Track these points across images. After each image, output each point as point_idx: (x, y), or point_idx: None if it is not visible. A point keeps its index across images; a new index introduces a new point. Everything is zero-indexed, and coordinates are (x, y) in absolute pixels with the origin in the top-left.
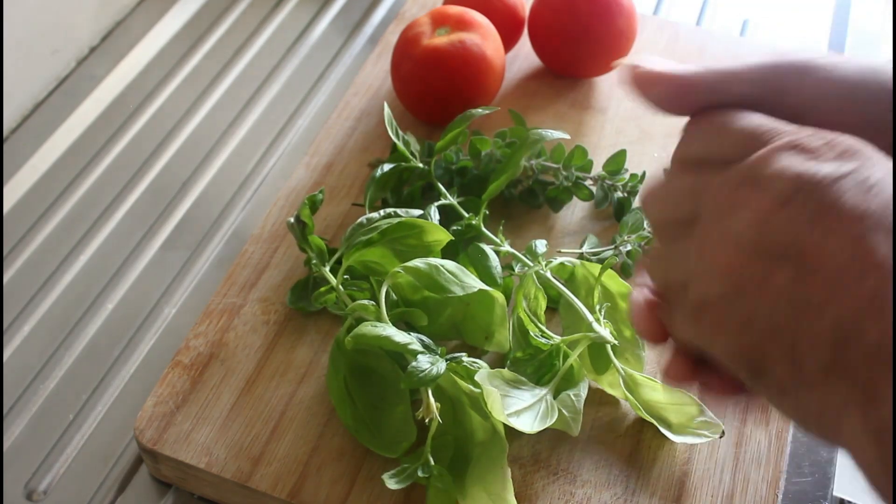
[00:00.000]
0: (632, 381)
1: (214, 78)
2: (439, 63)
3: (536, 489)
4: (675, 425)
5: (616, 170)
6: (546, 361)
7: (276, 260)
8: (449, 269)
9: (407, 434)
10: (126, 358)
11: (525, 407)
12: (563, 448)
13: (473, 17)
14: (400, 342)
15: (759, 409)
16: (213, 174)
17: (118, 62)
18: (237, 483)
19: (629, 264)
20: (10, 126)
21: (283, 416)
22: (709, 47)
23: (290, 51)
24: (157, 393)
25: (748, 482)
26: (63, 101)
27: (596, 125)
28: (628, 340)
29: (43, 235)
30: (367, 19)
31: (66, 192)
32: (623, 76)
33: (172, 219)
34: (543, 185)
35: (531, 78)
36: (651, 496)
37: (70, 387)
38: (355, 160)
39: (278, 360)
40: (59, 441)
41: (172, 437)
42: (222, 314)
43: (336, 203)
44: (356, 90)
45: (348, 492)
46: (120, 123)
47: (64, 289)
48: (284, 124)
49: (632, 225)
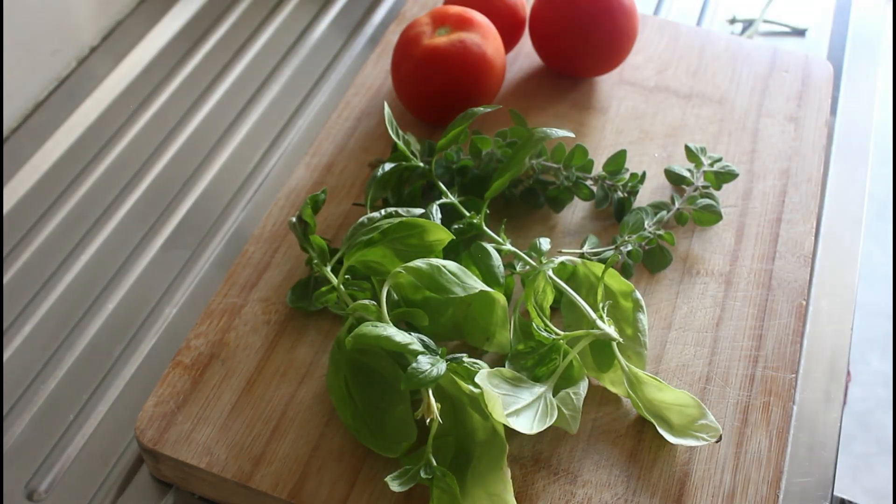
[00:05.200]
0: (636, 378)
1: (214, 78)
2: (439, 63)
3: (537, 489)
4: (676, 426)
5: (616, 170)
6: (546, 356)
7: (277, 260)
8: (450, 269)
9: (407, 434)
10: (127, 358)
11: (524, 405)
12: (563, 448)
13: (474, 17)
14: (400, 342)
15: (760, 410)
16: (213, 174)
17: (118, 62)
18: (238, 483)
19: (630, 264)
20: (10, 126)
21: (284, 416)
22: (709, 47)
23: (291, 51)
24: (158, 393)
25: (749, 482)
26: (63, 101)
27: (596, 125)
28: (630, 338)
29: (43, 235)
30: (368, 19)
31: (66, 192)
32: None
33: (173, 219)
34: (544, 184)
35: (531, 78)
36: (652, 496)
37: (71, 387)
38: (356, 160)
39: (279, 360)
40: (60, 441)
41: (173, 437)
42: (223, 314)
43: (337, 203)
44: (356, 90)
45: (349, 492)
46: (120, 123)
47: (64, 289)
48: (284, 124)
49: (632, 225)
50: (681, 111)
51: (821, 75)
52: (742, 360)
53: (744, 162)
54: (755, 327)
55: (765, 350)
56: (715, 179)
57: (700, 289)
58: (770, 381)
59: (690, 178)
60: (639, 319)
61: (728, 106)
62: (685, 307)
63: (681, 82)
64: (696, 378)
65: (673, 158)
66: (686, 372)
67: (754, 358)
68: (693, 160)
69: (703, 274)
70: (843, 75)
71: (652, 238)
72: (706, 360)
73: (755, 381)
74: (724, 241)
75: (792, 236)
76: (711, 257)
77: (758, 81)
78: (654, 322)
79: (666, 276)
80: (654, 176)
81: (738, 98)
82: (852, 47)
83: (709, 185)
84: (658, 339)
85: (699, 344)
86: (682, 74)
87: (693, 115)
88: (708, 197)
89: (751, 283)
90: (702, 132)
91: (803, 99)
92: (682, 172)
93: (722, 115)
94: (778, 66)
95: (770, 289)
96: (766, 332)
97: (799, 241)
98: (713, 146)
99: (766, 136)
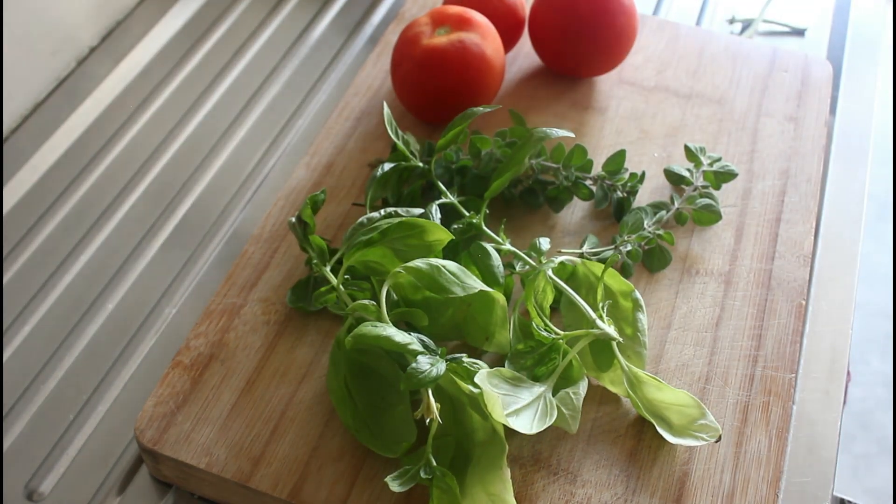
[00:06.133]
0: (636, 378)
1: (214, 78)
2: (439, 63)
3: (537, 489)
4: (676, 426)
5: (616, 170)
6: (546, 355)
7: (277, 260)
8: (450, 269)
9: (407, 434)
10: (126, 358)
11: (524, 405)
12: (563, 448)
13: (473, 17)
14: (400, 342)
15: (759, 409)
16: (213, 174)
17: (118, 62)
18: (237, 483)
19: (629, 264)
20: (10, 126)
21: (284, 417)
22: (708, 47)
23: (290, 51)
24: (158, 393)
25: (748, 482)
26: (63, 101)
27: (596, 125)
28: (630, 338)
29: (43, 235)
30: (367, 19)
31: (66, 192)
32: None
33: (172, 219)
34: (544, 184)
35: (531, 78)
36: (651, 496)
37: (70, 387)
38: (355, 160)
39: (278, 360)
40: (60, 441)
41: (173, 438)
42: (222, 314)
43: (336, 203)
44: (356, 90)
45: (348, 492)
46: (120, 123)
47: (64, 289)
48: (284, 124)
49: (631, 225)
50: (680, 111)
51: (820, 75)
52: (742, 360)
53: (743, 162)
54: (755, 327)
55: (764, 350)
56: (714, 179)
57: (699, 288)
58: (770, 381)
59: (690, 178)
60: (638, 319)
61: (727, 106)
62: (685, 307)
63: (680, 82)
64: (696, 378)
65: (672, 158)
66: (685, 372)
67: (754, 358)
68: (692, 160)
69: (703, 274)
70: (843, 75)
71: (651, 238)
72: (706, 360)
73: (755, 381)
74: (723, 240)
75: (791, 236)
76: (711, 257)
77: (757, 81)
78: (654, 322)
79: (665, 275)
80: (654, 176)
81: (737, 98)
82: (852, 47)
83: (708, 185)
84: (657, 338)
85: (699, 344)
86: (682, 74)
87: (692, 115)
88: (707, 197)
89: (750, 283)
90: (701, 132)
91: (803, 99)
92: (681, 172)
93: (721, 114)
94: (777, 66)
95: (769, 288)
96: (766, 331)
97: (798, 241)
98: (713, 146)
99: (765, 136)
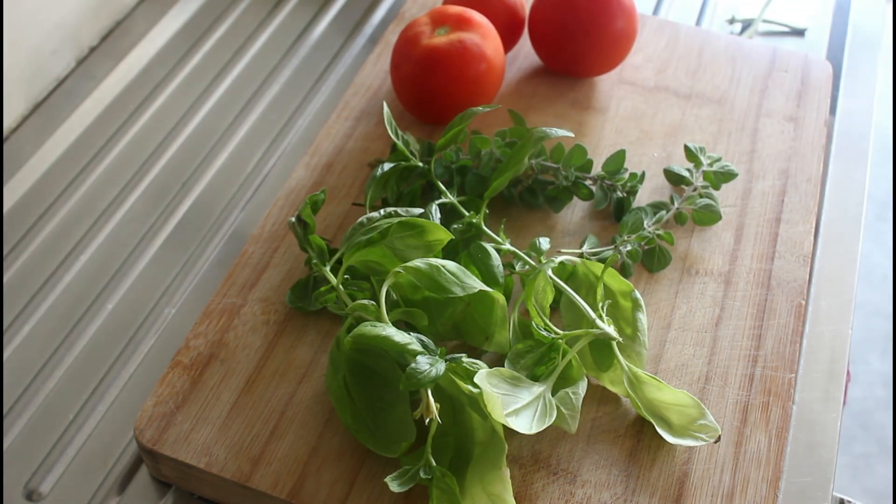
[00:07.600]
0: (635, 378)
1: (214, 78)
2: (439, 63)
3: (536, 489)
4: (676, 426)
5: (615, 170)
6: (545, 355)
7: (276, 260)
8: (449, 269)
9: (407, 434)
10: (126, 358)
11: (523, 405)
12: (562, 448)
13: (473, 17)
14: (399, 342)
15: (759, 409)
16: (213, 174)
17: (118, 62)
18: (237, 483)
19: (629, 264)
20: (10, 126)
21: (283, 416)
22: (708, 47)
23: (290, 51)
24: (158, 393)
25: (748, 482)
26: (63, 101)
27: (596, 125)
28: (629, 338)
29: (43, 235)
30: (367, 19)
31: (66, 192)
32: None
33: (172, 218)
34: (543, 184)
35: (531, 78)
36: (651, 496)
37: (70, 387)
38: (355, 160)
39: (278, 360)
40: (60, 441)
41: (172, 437)
42: (222, 314)
43: (336, 203)
44: (356, 90)
45: (348, 492)
46: (120, 123)
47: (64, 289)
48: (284, 124)
49: (631, 225)
50: (680, 111)
51: (820, 75)
52: (741, 360)
53: (743, 162)
54: (754, 327)
55: (764, 350)
56: (714, 179)
57: (699, 288)
58: (769, 381)
59: (690, 178)
60: (638, 319)
61: (727, 106)
62: (684, 307)
63: (680, 82)
64: (696, 378)
65: (672, 158)
66: (685, 372)
67: (753, 358)
68: (692, 160)
69: (703, 274)
70: (843, 75)
71: (651, 238)
72: (705, 360)
73: (754, 381)
74: (723, 240)
75: (791, 236)
76: (711, 257)
77: (757, 81)
78: (654, 322)
79: (665, 275)
80: (654, 176)
81: (737, 98)
82: (852, 47)
83: (708, 185)
84: (657, 338)
85: (698, 344)
86: (682, 74)
87: (692, 115)
88: (707, 197)
89: (750, 283)
90: (701, 132)
91: (802, 99)
92: (681, 172)
93: (721, 114)
94: (777, 66)
95: (769, 288)
96: (766, 331)
97: (798, 241)
98: (712, 146)
99: (765, 136)
